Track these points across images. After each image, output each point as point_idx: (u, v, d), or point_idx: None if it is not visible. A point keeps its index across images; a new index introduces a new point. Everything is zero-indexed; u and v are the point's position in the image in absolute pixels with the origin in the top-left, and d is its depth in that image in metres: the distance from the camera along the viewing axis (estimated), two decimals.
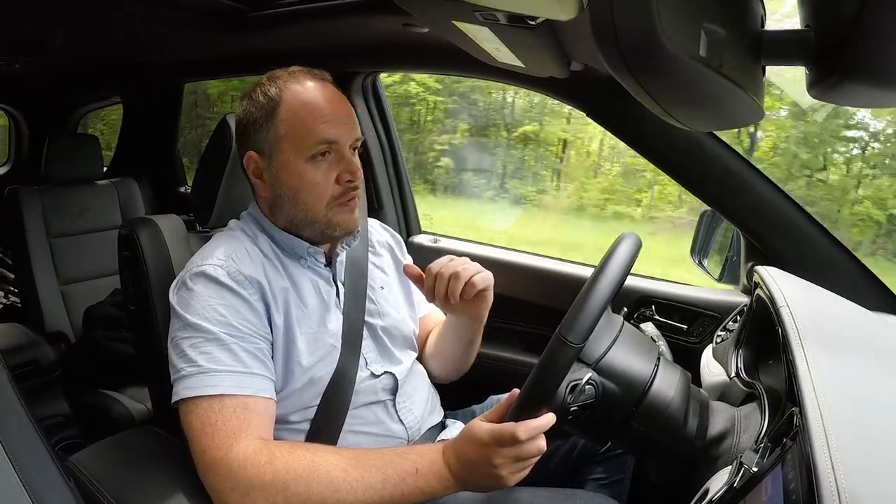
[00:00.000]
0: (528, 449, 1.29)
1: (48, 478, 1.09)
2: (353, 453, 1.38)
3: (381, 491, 1.32)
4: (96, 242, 3.56)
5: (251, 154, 1.59)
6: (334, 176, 1.55)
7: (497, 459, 1.29)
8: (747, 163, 1.99)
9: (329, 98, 1.57)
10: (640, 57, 0.75)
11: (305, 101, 1.54)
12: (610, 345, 1.40)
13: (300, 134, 1.53)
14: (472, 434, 1.33)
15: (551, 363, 1.26)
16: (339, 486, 1.31)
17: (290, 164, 1.54)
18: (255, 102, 1.58)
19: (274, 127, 1.55)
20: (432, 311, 1.99)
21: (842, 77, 0.79)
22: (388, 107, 3.09)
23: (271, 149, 1.56)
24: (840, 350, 1.26)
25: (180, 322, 1.47)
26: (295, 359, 1.53)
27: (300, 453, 1.35)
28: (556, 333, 1.26)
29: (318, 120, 1.53)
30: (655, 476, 1.55)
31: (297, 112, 1.54)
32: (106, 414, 2.79)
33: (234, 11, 2.29)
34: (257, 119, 1.57)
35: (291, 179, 1.55)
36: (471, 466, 1.32)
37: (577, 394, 1.33)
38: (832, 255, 1.97)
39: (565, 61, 1.69)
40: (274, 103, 1.55)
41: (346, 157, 1.56)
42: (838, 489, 0.83)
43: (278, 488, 1.30)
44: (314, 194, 1.55)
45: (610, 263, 1.31)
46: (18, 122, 4.76)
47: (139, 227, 1.74)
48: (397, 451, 1.39)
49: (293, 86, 1.57)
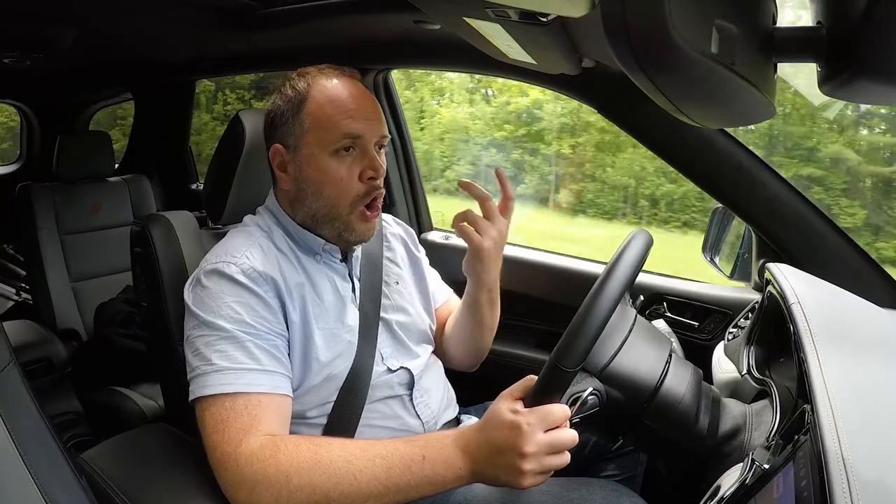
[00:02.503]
0: (561, 437, 1.24)
1: (59, 475, 1.10)
2: (359, 444, 1.37)
3: (386, 481, 1.29)
4: (108, 239, 3.58)
5: (277, 147, 1.61)
6: (357, 172, 1.56)
7: (528, 447, 1.23)
8: (759, 160, 1.99)
9: (355, 94, 1.58)
10: (652, 54, 0.74)
11: (332, 96, 1.56)
12: (617, 350, 1.39)
13: (325, 127, 1.54)
14: (501, 416, 1.29)
15: (546, 389, 1.26)
16: (342, 478, 1.29)
17: (315, 158, 1.56)
18: (283, 96, 1.60)
19: (300, 120, 1.56)
20: (448, 300, 2.00)
21: (853, 74, 0.79)
22: (399, 104, 3.09)
23: (297, 142, 1.58)
24: (851, 347, 1.26)
25: (195, 320, 1.47)
26: (312, 354, 1.53)
27: (305, 446, 1.35)
28: (551, 359, 1.24)
29: (342, 114, 1.54)
30: (667, 473, 1.54)
31: (322, 106, 1.55)
32: (117, 411, 2.81)
33: (245, 8, 2.30)
34: (284, 112, 1.59)
35: (315, 173, 1.56)
36: (494, 453, 1.27)
37: (580, 406, 1.32)
38: (843, 251, 1.96)
39: (577, 58, 1.69)
40: (301, 97, 1.57)
41: (370, 154, 1.57)
42: (850, 486, 0.83)
43: (282, 481, 1.29)
44: (338, 189, 1.56)
45: (610, 278, 1.27)
46: (30, 120, 4.78)
47: (151, 223, 1.75)
48: (405, 439, 1.37)
49: (321, 81, 1.59)
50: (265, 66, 3.17)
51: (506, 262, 1.71)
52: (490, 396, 1.97)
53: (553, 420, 1.24)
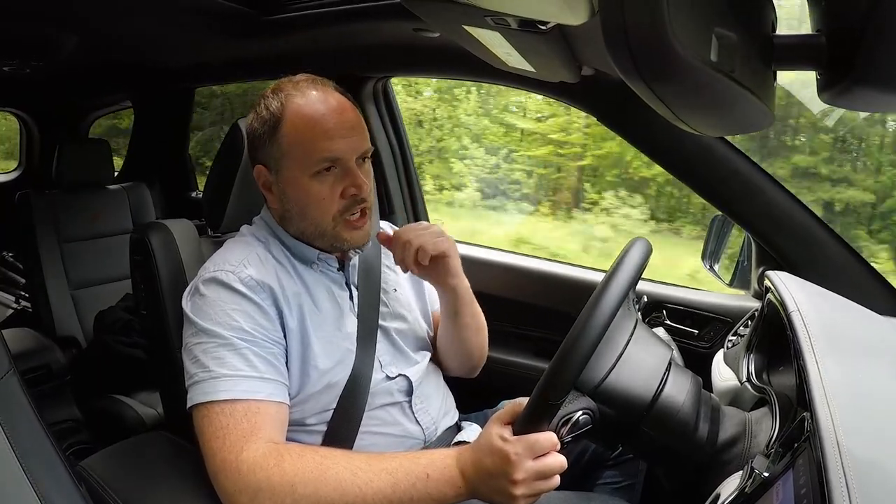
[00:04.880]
0: (549, 465, 1.26)
1: (59, 482, 1.10)
2: (363, 457, 1.38)
3: (391, 496, 1.30)
4: (107, 247, 3.57)
5: (260, 168, 1.60)
6: (340, 190, 1.55)
7: (517, 475, 1.24)
8: (758, 167, 1.99)
9: (333, 109, 1.55)
10: (651, 62, 0.74)
11: (307, 117, 1.53)
12: (612, 366, 1.37)
13: (303, 151, 1.52)
14: (491, 444, 1.29)
15: (533, 418, 1.26)
16: (348, 490, 1.30)
17: (296, 180, 1.54)
18: (259, 117, 1.58)
19: (277, 143, 1.54)
20: None
21: (853, 82, 0.79)
22: (398, 111, 3.09)
23: (277, 164, 1.56)
24: (851, 354, 1.26)
25: (193, 328, 1.48)
26: (311, 362, 1.54)
27: (309, 456, 1.35)
28: (538, 388, 1.24)
29: (320, 137, 1.51)
30: (666, 481, 1.54)
31: (298, 129, 1.52)
32: (117, 419, 2.80)
33: (246, 16, 2.30)
34: (261, 135, 1.57)
35: (297, 194, 1.56)
36: (486, 477, 1.29)
37: (571, 427, 1.32)
38: (843, 259, 1.97)
39: (576, 66, 1.69)
40: (276, 119, 1.54)
41: (352, 171, 1.54)
42: (849, 494, 0.83)
43: (286, 490, 1.30)
44: (320, 209, 1.55)
45: (600, 301, 1.25)
46: (30, 127, 4.78)
47: (151, 231, 1.75)
48: (409, 455, 1.38)
49: (296, 99, 1.55)
50: (265, 74, 3.16)
51: (504, 270, 1.72)
52: (489, 403, 1.98)
53: (540, 449, 1.26)
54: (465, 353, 1.88)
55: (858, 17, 0.74)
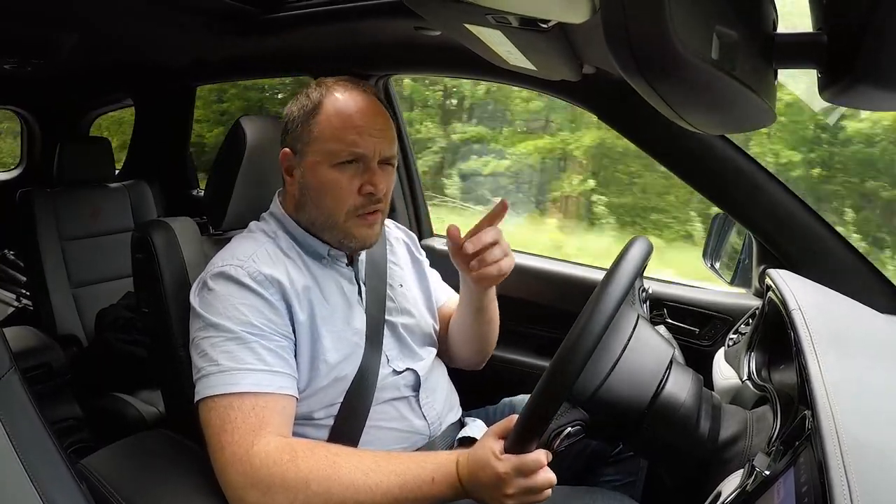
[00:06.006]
0: (538, 483, 1.29)
1: (60, 481, 1.09)
2: (373, 457, 1.39)
3: (399, 496, 1.33)
4: (108, 245, 3.57)
5: (286, 151, 1.63)
6: (357, 185, 1.57)
7: (508, 490, 1.29)
8: (759, 166, 1.99)
9: (367, 108, 1.59)
10: (653, 60, 0.75)
11: (341, 109, 1.57)
12: (608, 374, 1.35)
13: (330, 139, 1.56)
14: (485, 460, 1.32)
15: (523, 437, 1.29)
16: (360, 489, 1.32)
17: (318, 167, 1.57)
18: (298, 103, 1.63)
19: (309, 129, 1.58)
20: (449, 299, 2.02)
21: (854, 80, 0.79)
22: (399, 111, 3.08)
23: (303, 149, 1.59)
24: (852, 353, 1.26)
25: (201, 322, 1.48)
26: (321, 356, 1.54)
27: (322, 453, 1.37)
28: (526, 408, 1.27)
29: (349, 129, 1.55)
30: (668, 479, 1.54)
31: (331, 118, 1.57)
32: (118, 417, 2.80)
33: (246, 14, 2.30)
34: (296, 118, 1.61)
35: (317, 181, 1.58)
36: (481, 487, 1.33)
37: (563, 438, 1.34)
38: (844, 257, 1.96)
39: (577, 64, 1.69)
40: (313, 106, 1.59)
41: (372, 170, 1.57)
42: (850, 492, 0.83)
43: (300, 487, 1.31)
44: (335, 198, 1.57)
45: (594, 315, 1.22)
46: (30, 125, 4.77)
47: (153, 229, 1.75)
48: (416, 458, 1.40)
49: (335, 93, 1.60)
50: (266, 72, 3.17)
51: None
52: (490, 401, 1.98)
53: (528, 470, 1.30)
54: (480, 345, 1.92)
55: (859, 17, 0.74)
